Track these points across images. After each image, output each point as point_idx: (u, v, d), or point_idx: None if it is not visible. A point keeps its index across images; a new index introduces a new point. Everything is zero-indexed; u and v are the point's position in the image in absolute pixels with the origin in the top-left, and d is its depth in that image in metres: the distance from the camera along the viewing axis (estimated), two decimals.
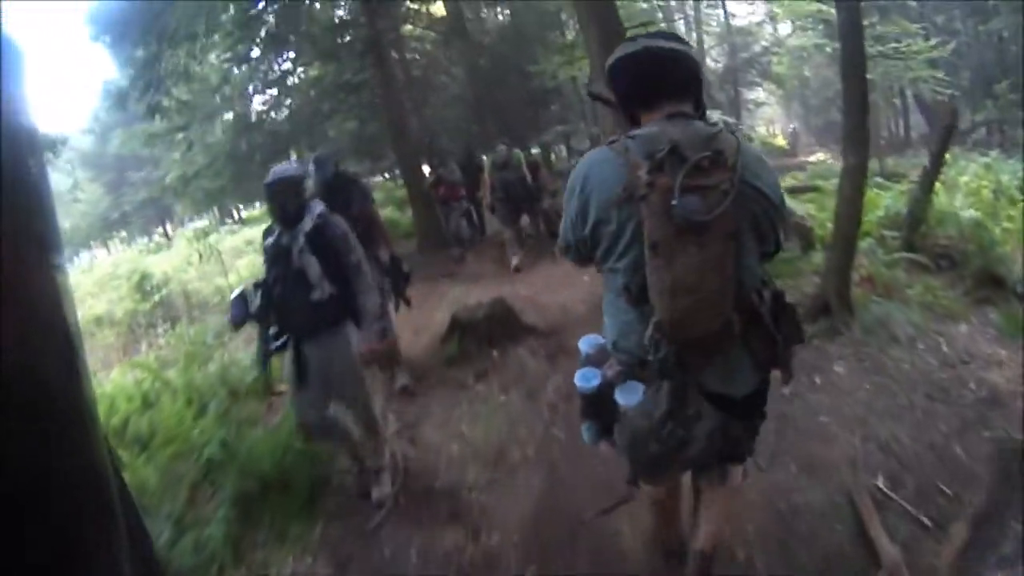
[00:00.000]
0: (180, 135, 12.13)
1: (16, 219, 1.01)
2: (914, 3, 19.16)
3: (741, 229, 1.83)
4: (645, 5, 17.08)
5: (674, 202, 1.72)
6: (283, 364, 3.91)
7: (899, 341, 4.95)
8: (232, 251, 15.94)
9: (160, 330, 10.12)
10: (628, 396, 2.00)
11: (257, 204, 25.08)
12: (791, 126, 33.20)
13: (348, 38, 12.32)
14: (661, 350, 1.86)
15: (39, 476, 1.04)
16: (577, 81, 17.01)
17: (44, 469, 1.05)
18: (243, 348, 7.39)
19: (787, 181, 13.21)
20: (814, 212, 8.70)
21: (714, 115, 17.88)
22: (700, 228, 1.74)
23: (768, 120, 40.47)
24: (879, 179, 11.80)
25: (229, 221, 27.52)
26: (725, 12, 27.75)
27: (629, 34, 3.02)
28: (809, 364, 4.70)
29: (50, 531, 1.05)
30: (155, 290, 11.26)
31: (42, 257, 1.09)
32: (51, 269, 1.11)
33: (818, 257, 6.63)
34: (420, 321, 7.25)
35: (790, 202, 9.86)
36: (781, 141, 31.91)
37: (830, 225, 7.57)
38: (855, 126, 5.34)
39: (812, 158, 27.74)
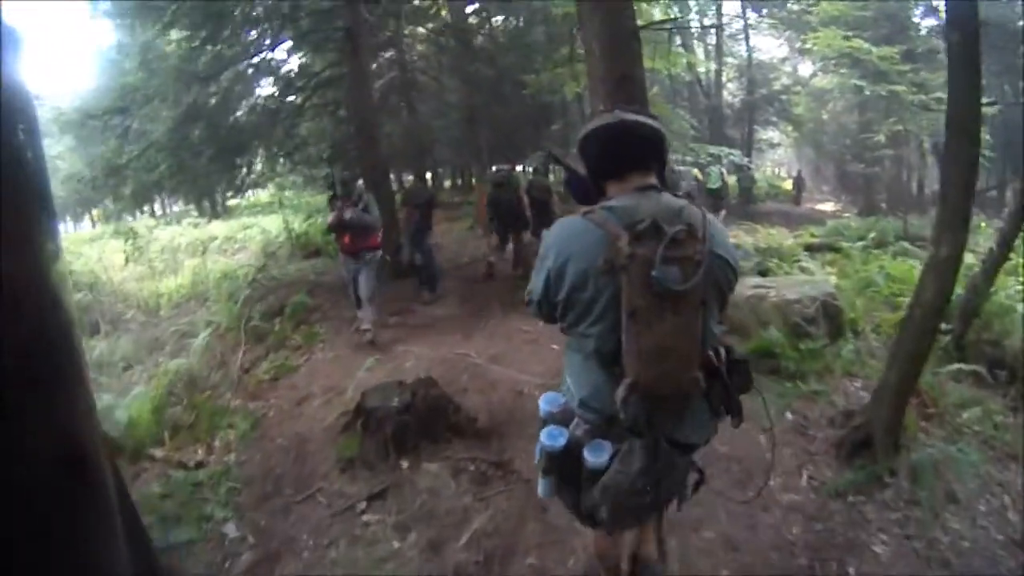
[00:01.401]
0: (116, 119, 10.56)
1: (16, 201, 1.00)
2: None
3: (709, 295, 1.94)
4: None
5: (654, 273, 1.80)
6: None
7: (957, 499, 3.73)
8: (189, 248, 14.24)
9: None
10: (597, 455, 2.04)
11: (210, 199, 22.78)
12: (798, 171, 31.38)
13: (331, 25, 10.98)
14: (633, 409, 1.88)
15: (35, 472, 1.02)
16: (583, 100, 15.44)
17: (40, 465, 1.04)
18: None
19: (803, 237, 11.61)
20: (838, 281, 7.38)
21: (722, 153, 16.58)
22: (676, 296, 1.83)
23: (777, 163, 38.79)
24: (904, 243, 10.37)
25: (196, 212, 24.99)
26: (748, 45, 26.01)
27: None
28: (842, 538, 3.45)
29: (45, 527, 1.03)
30: (74, 290, 9.53)
31: (41, 242, 1.06)
32: (48, 255, 1.09)
33: (848, 348, 5.50)
34: (337, 377, 6.02)
35: (810, 264, 8.39)
36: (787, 186, 30.37)
37: (858, 302, 6.20)
38: (957, 208, 3.74)
39: (820, 207, 26.26)
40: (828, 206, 27.47)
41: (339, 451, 4.39)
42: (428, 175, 21.19)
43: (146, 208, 18.16)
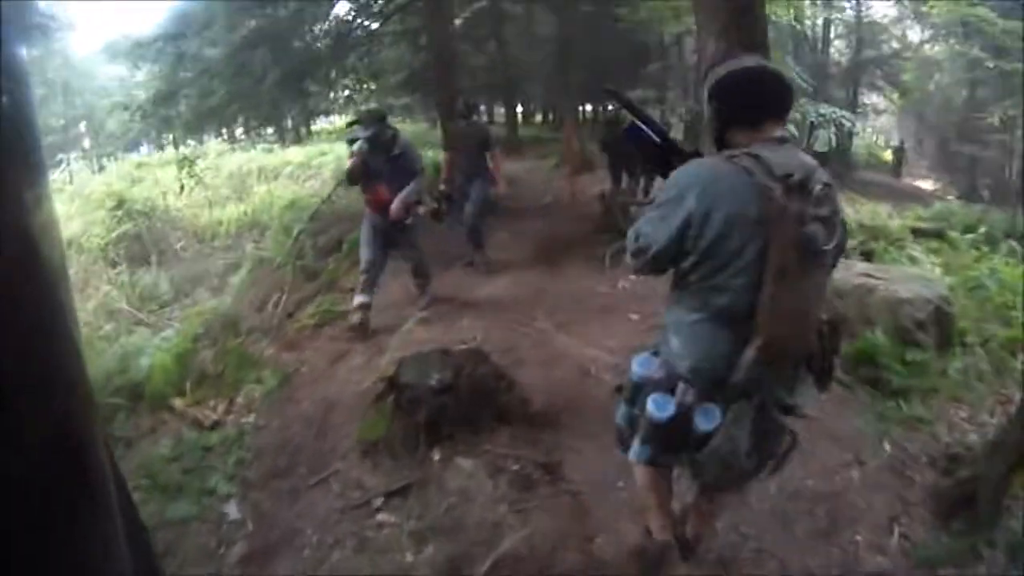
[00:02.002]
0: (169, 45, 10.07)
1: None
2: None
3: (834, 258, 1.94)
4: None
5: (807, 230, 1.77)
6: None
7: None
8: (259, 174, 13.70)
9: (116, 272, 8.18)
10: (708, 420, 1.96)
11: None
12: (900, 141, 29.11)
13: None
14: (754, 371, 1.85)
15: (29, 464, 0.88)
16: (682, 43, 14.32)
17: (35, 457, 0.89)
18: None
19: (908, 219, 10.38)
20: (946, 278, 6.22)
21: (834, 115, 15.13)
22: (818, 257, 1.83)
23: (880, 130, 36.29)
24: (1012, 242, 9.03)
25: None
26: (858, 2, 23.99)
27: None
28: None
29: (40, 524, 0.91)
30: (125, 218, 9.23)
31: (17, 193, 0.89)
32: (37, 207, 0.93)
33: (956, 366, 4.59)
34: (383, 331, 5.42)
35: (918, 253, 7.40)
36: (887, 156, 28.33)
37: (968, 308, 5.58)
38: None
39: (919, 183, 24.39)
40: (927, 184, 25.50)
41: (363, 430, 3.75)
42: (518, 109, 20.28)
43: (224, 132, 17.66)
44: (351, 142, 5.47)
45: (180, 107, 10.47)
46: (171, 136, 14.54)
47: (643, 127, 2.19)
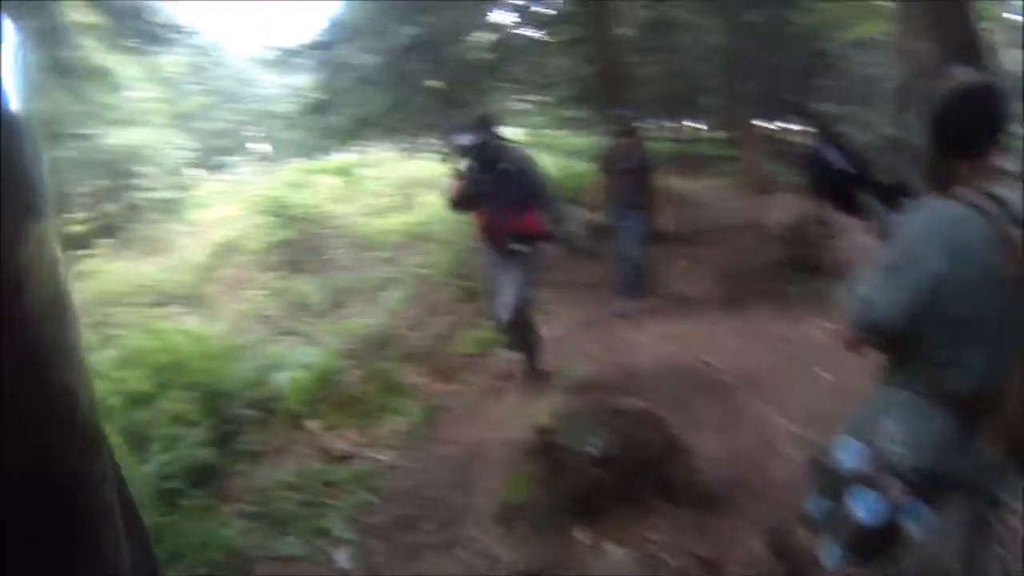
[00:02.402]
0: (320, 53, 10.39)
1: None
2: None
3: None
4: None
5: None
6: None
7: None
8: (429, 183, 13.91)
9: (270, 278, 8.43)
10: (918, 522, 1.77)
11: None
12: None
13: None
14: (990, 468, 1.67)
15: (30, 471, 0.81)
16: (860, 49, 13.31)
17: (37, 464, 0.83)
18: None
19: None
20: None
21: None
22: None
23: None
24: None
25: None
26: None
27: None
28: None
29: (39, 526, 0.82)
30: (284, 224, 9.47)
31: (32, 230, 0.83)
32: (42, 244, 0.85)
33: None
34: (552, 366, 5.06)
35: None
36: None
37: None
38: None
39: None
40: None
41: (505, 490, 3.42)
42: (692, 124, 20.02)
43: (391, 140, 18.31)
44: (455, 157, 4.73)
45: (337, 115, 10.75)
46: (339, 143, 15.10)
47: (828, 148, 1.93)
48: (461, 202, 4.74)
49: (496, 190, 4.57)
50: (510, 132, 24.81)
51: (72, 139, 14.62)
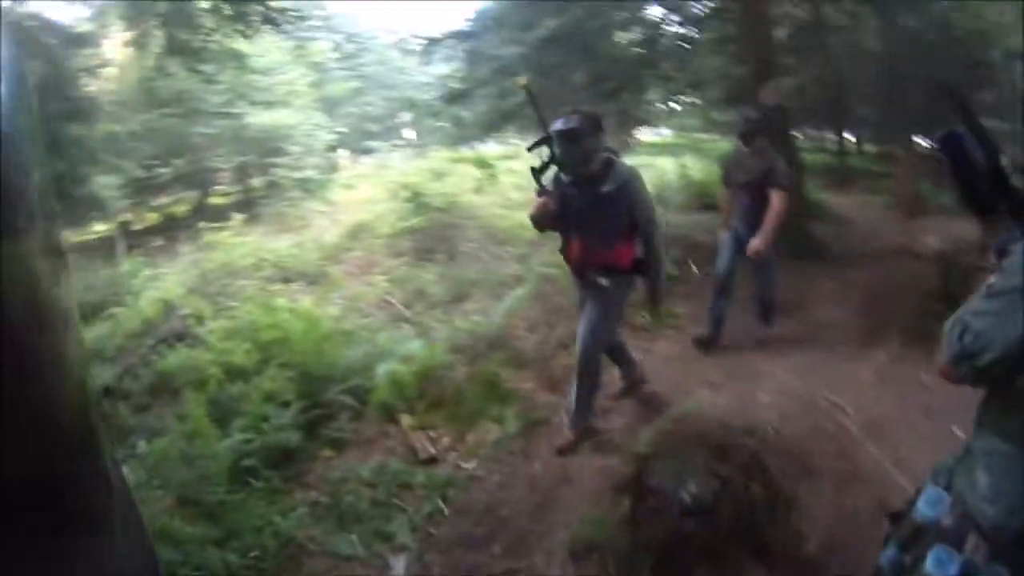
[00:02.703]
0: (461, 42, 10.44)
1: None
2: None
3: None
4: None
5: None
6: None
7: None
8: None
9: (396, 263, 8.55)
10: None
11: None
12: None
13: None
14: None
15: (30, 469, 0.99)
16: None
17: (36, 463, 1.01)
18: None
19: None
20: None
21: None
22: None
23: None
24: None
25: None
26: None
27: None
28: None
29: (37, 520, 0.99)
30: (417, 211, 9.62)
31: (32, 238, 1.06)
32: (42, 251, 1.09)
33: None
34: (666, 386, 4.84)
35: None
36: None
37: None
38: None
39: None
40: None
41: (582, 526, 3.20)
42: (848, 136, 18.84)
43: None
44: (537, 171, 3.90)
45: (477, 107, 10.78)
46: (480, 134, 15.23)
47: (972, 140, 1.64)
48: (544, 222, 4.06)
49: (590, 215, 3.94)
50: (659, 134, 24.42)
51: (214, 117, 15.66)
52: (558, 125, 3.81)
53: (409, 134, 27.54)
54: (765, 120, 5.56)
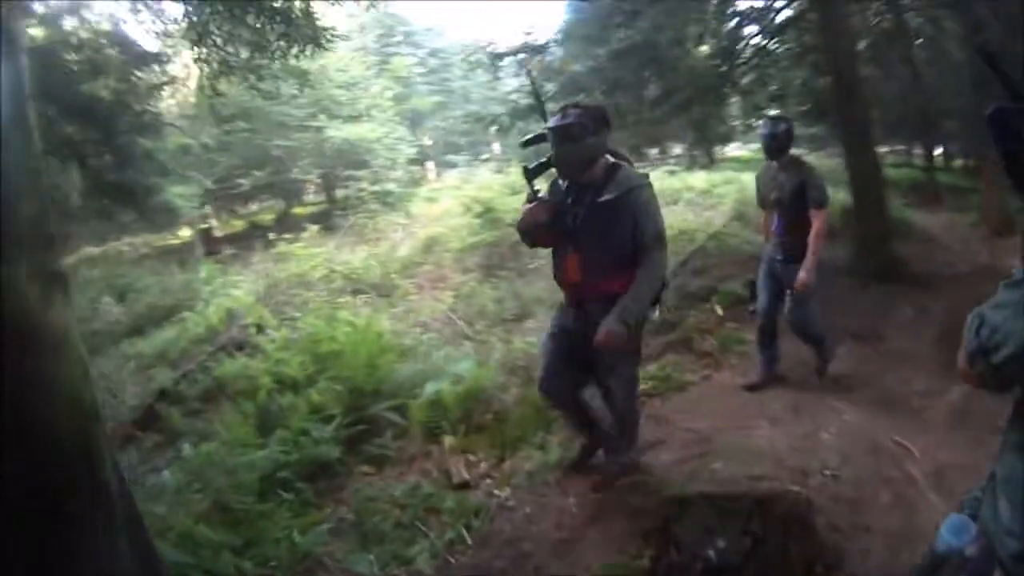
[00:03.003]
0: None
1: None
2: None
3: None
4: None
5: None
6: None
7: None
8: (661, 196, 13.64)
9: (464, 279, 8.61)
10: None
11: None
12: None
13: None
14: None
15: (36, 469, 1.10)
16: None
17: (41, 462, 1.12)
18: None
19: None
20: None
21: None
22: None
23: None
24: None
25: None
26: None
27: None
28: None
29: (43, 522, 1.11)
30: (486, 227, 9.68)
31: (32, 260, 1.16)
32: (32, 276, 1.17)
33: None
34: (723, 421, 4.55)
35: None
36: None
37: None
38: None
39: None
40: None
41: (605, 570, 3.03)
42: (937, 150, 18.20)
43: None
44: (530, 172, 3.50)
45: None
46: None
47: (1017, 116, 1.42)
48: (535, 235, 3.56)
49: (587, 229, 3.39)
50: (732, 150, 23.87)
51: (294, 130, 16.20)
52: (554, 120, 3.34)
53: (492, 148, 27.72)
54: (789, 133, 4.82)
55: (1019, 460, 1.44)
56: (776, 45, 11.06)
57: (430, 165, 25.58)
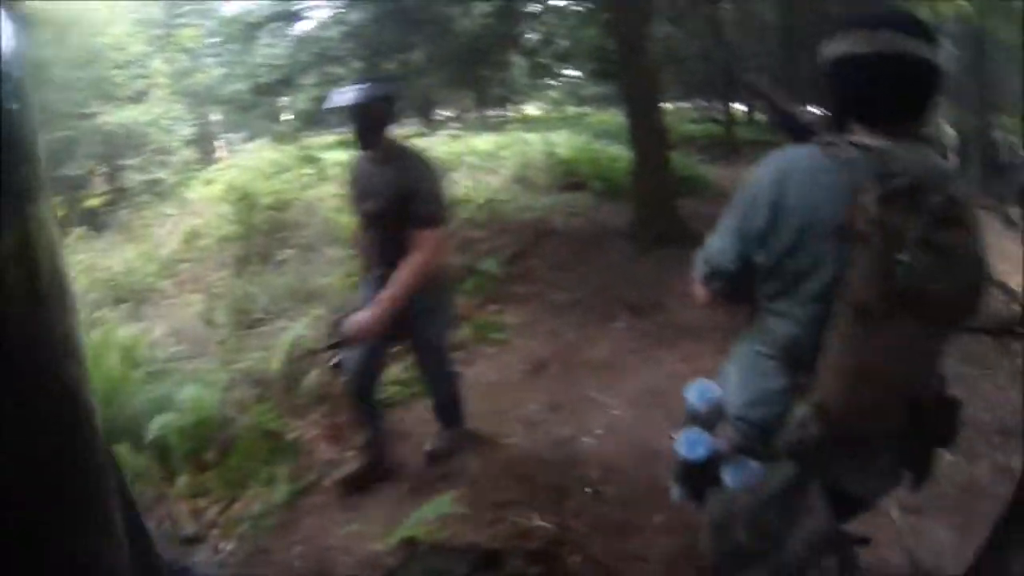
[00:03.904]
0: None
1: None
2: None
3: (961, 308, 1.50)
4: None
5: (903, 257, 1.36)
6: None
7: None
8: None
9: (222, 274, 7.79)
10: (735, 477, 1.70)
11: None
12: None
13: None
14: (808, 436, 1.52)
15: (30, 468, 0.99)
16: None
17: (35, 461, 1.00)
18: None
19: None
20: None
21: None
22: (920, 299, 1.40)
23: None
24: None
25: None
26: None
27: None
28: None
29: (40, 521, 1.01)
30: (244, 215, 8.86)
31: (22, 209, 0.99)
32: (35, 222, 1.02)
33: None
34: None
35: None
36: None
37: None
38: None
39: None
40: None
41: None
42: (741, 108, 18.59)
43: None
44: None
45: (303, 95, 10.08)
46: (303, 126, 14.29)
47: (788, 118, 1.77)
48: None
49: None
50: (526, 108, 23.93)
51: (70, 119, 14.33)
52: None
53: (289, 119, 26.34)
54: (384, 102, 3.25)
55: (745, 342, 1.76)
56: (566, 2, 10.81)
57: (221, 143, 23.86)
